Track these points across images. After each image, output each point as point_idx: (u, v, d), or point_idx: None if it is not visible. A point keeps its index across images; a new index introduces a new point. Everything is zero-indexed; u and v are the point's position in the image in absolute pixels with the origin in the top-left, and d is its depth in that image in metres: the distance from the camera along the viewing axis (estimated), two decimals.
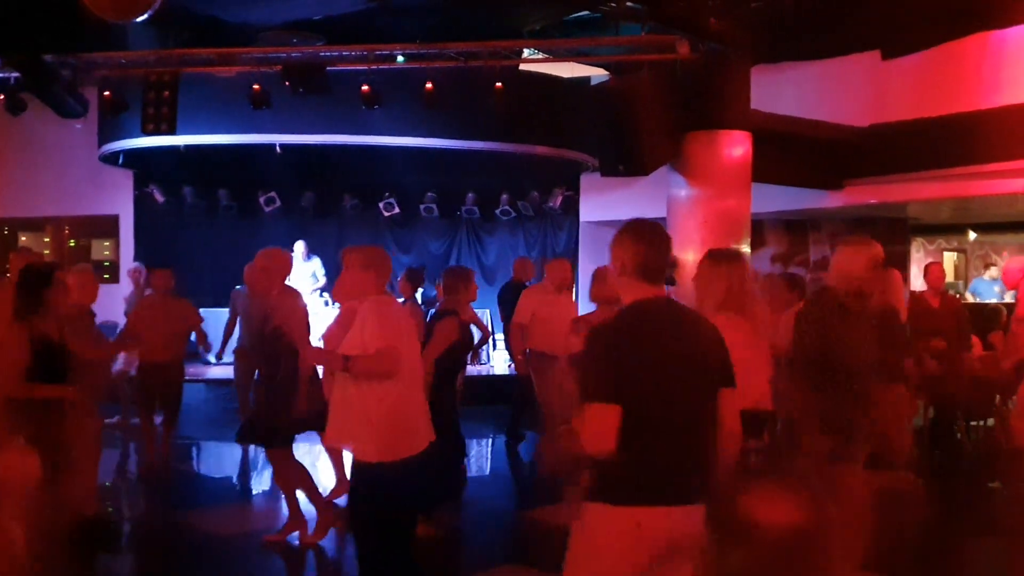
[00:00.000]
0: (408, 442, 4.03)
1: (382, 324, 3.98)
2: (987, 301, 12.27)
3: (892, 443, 6.59)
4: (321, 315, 10.64)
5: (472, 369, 11.33)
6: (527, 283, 9.70)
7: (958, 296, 12.42)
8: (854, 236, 4.92)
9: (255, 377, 6.30)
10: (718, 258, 4.50)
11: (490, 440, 9.60)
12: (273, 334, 5.61)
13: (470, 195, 14.94)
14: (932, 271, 8.30)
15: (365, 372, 3.92)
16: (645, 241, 2.95)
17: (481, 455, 9.14)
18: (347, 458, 5.85)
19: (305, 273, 12.87)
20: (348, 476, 4.33)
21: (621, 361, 2.84)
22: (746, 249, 8.95)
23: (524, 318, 8.12)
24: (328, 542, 5.90)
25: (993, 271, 14.72)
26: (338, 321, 5.91)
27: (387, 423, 3.95)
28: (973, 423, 8.32)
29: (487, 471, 8.57)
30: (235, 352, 9.41)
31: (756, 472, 3.96)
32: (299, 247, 13.09)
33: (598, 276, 6.91)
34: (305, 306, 6.02)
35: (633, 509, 2.83)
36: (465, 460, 7.03)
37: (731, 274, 4.36)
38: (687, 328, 2.98)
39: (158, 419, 7.79)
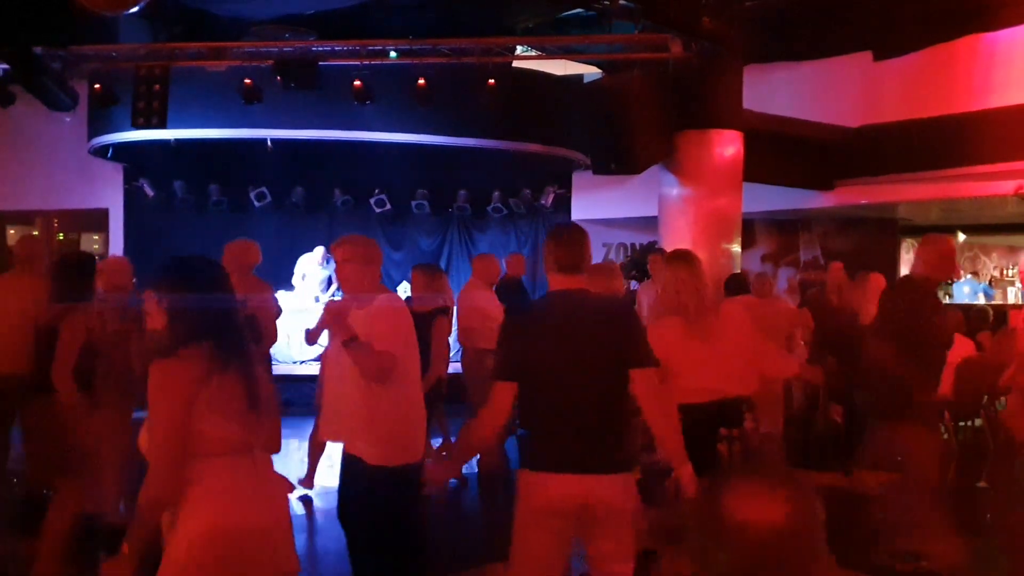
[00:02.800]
0: (416, 445, 4.03)
1: (394, 330, 3.92)
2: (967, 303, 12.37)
3: None
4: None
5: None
6: (521, 279, 9.66)
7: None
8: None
9: None
10: (672, 261, 4.84)
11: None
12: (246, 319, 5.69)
13: (462, 192, 14.91)
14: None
15: (363, 361, 3.80)
16: (559, 242, 3.42)
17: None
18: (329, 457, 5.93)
19: (322, 277, 12.94)
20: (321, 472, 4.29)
21: (523, 343, 3.33)
22: (736, 249, 8.97)
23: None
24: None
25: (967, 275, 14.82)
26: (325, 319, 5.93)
27: (399, 427, 3.93)
28: (962, 423, 8.35)
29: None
30: None
31: (736, 463, 4.09)
32: (317, 252, 13.12)
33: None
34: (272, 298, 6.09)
35: (544, 475, 3.25)
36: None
37: (684, 274, 4.66)
38: (592, 315, 3.37)
39: None
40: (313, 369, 9.44)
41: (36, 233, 15.00)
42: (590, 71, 12.88)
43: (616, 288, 4.92)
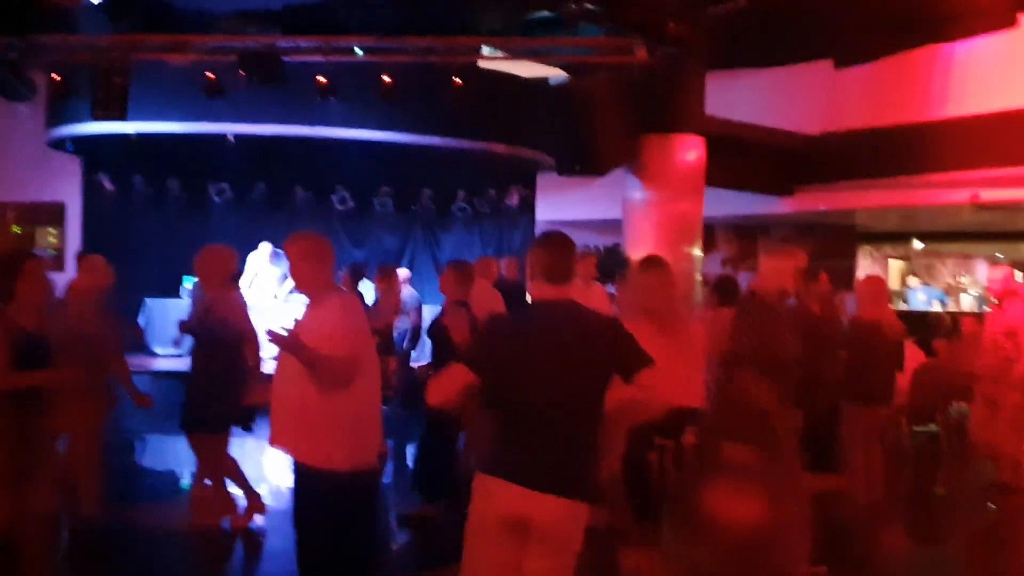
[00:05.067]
0: (368, 449, 3.96)
1: (349, 329, 3.86)
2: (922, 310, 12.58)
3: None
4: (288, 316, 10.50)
5: None
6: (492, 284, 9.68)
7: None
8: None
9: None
10: (645, 266, 4.86)
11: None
12: (213, 326, 5.67)
13: (426, 191, 14.88)
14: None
15: (327, 374, 3.77)
16: (547, 249, 3.36)
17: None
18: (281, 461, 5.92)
19: (274, 276, 12.75)
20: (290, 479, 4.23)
21: (503, 345, 3.26)
22: (698, 252, 9.04)
23: None
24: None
25: (913, 280, 15.08)
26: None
27: (350, 432, 3.84)
28: (917, 428, 8.47)
29: None
30: None
31: (704, 471, 4.10)
32: (264, 248, 12.94)
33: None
34: (243, 299, 6.10)
35: (488, 477, 3.19)
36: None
37: (656, 281, 4.69)
38: (580, 328, 3.28)
39: None
40: None
41: None
42: (555, 73, 12.90)
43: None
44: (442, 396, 3.30)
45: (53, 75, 10.16)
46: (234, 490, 6.08)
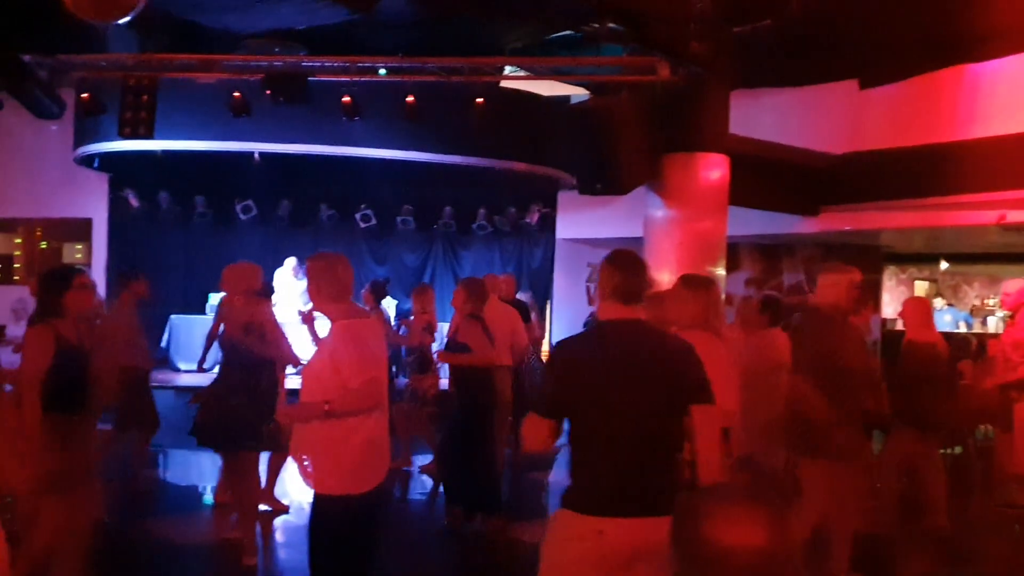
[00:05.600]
0: (375, 472, 3.93)
1: (359, 354, 3.81)
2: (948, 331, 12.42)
3: None
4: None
5: None
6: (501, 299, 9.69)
7: None
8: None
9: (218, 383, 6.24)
10: (693, 284, 4.66)
11: None
12: (252, 343, 5.67)
13: (447, 209, 14.95)
14: None
15: (349, 412, 3.76)
16: (620, 268, 3.23)
17: None
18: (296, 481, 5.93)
19: (298, 291, 12.79)
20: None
21: (574, 378, 3.11)
22: (721, 272, 9.00)
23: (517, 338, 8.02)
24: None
25: (939, 302, 14.91)
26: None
27: (357, 456, 3.82)
28: (944, 451, 8.37)
29: None
30: None
31: (722, 490, 4.00)
32: (289, 264, 13.02)
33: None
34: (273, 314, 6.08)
35: (596, 519, 3.00)
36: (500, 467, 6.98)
37: (705, 298, 4.52)
38: (653, 348, 3.18)
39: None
40: None
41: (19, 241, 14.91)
42: (577, 92, 12.94)
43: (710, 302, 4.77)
44: (536, 445, 3.18)
45: (82, 93, 10.31)
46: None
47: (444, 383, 8.09)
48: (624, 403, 3.05)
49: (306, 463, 3.87)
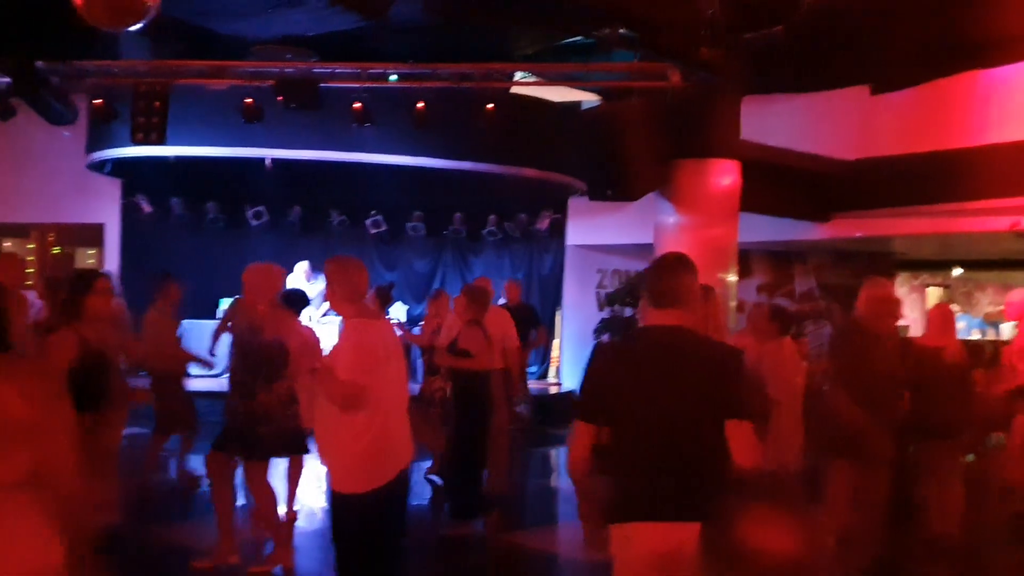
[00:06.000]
0: (385, 470, 3.96)
1: (357, 355, 3.88)
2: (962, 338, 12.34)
3: None
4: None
5: None
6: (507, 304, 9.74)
7: None
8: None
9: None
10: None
11: None
12: (269, 346, 5.61)
13: (457, 215, 14.95)
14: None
15: (326, 392, 3.87)
16: (654, 270, 3.25)
17: None
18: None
19: (313, 293, 12.80)
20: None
21: (612, 382, 3.05)
22: (732, 279, 8.97)
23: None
24: None
25: (954, 306, 14.83)
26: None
27: (365, 455, 3.87)
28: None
29: None
30: None
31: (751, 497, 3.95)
32: (301, 268, 13.04)
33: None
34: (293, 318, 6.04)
35: (640, 525, 2.98)
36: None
37: (702, 308, 4.50)
38: (691, 356, 3.07)
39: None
40: None
41: (14, 253, 14.91)
42: (588, 98, 12.93)
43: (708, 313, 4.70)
44: (578, 451, 3.11)
45: (94, 100, 10.36)
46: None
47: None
48: (652, 410, 3.01)
49: (326, 463, 3.98)
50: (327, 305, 12.19)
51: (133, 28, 6.48)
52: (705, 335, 3.29)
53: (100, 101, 10.28)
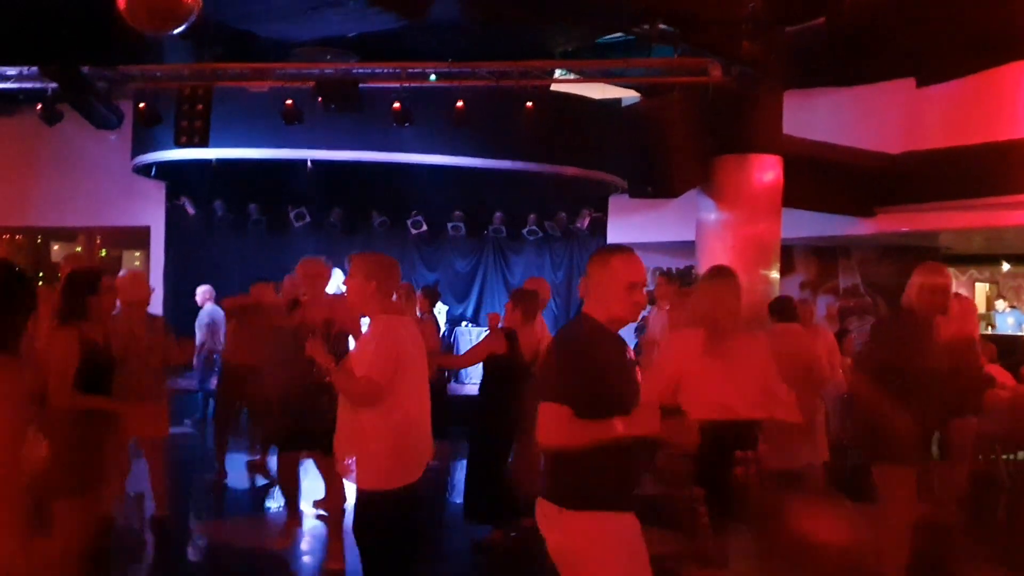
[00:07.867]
0: (406, 470, 3.97)
1: (379, 352, 3.87)
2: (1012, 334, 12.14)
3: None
4: None
5: None
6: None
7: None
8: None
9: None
10: (712, 275, 4.67)
11: None
12: (336, 339, 5.59)
13: (497, 214, 14.95)
14: None
15: (341, 387, 3.91)
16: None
17: None
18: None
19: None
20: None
21: (584, 369, 3.01)
22: (775, 275, 8.88)
23: None
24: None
25: (1000, 303, 14.58)
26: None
27: (386, 454, 3.88)
28: (1007, 456, 8.16)
29: None
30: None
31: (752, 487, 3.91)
32: (337, 276, 13.11)
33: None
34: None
35: (627, 515, 3.05)
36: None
37: (722, 289, 4.46)
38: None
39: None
40: None
41: (79, 250, 15.23)
42: (628, 95, 12.87)
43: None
44: (551, 437, 2.99)
45: (139, 104, 10.51)
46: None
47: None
48: (631, 396, 3.08)
49: (348, 462, 3.95)
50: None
51: (175, 32, 6.57)
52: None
53: (144, 105, 10.43)
